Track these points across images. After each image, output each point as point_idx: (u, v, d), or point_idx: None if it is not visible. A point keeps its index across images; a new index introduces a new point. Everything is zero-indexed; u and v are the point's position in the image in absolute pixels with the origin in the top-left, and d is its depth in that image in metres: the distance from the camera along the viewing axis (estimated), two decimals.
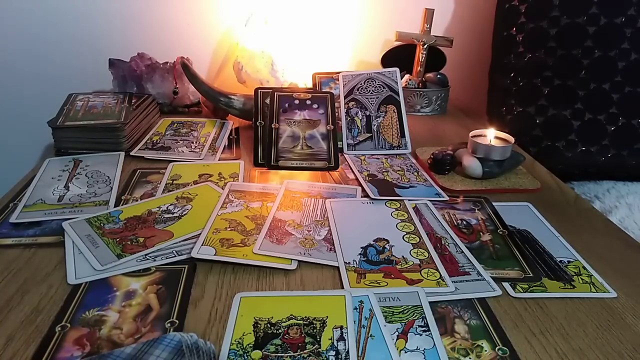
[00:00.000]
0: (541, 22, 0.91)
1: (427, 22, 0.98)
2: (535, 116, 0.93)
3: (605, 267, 0.49)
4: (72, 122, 0.74)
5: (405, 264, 0.48)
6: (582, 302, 0.44)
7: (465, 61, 1.14)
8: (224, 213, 0.57)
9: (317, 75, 0.85)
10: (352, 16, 1.09)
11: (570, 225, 0.57)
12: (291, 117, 0.74)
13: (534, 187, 0.66)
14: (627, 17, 0.87)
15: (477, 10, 1.11)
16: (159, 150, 0.75)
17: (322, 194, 0.63)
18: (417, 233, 0.54)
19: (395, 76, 0.81)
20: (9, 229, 0.53)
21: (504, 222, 0.57)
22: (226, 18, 1.08)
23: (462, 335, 0.39)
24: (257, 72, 0.96)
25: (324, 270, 0.47)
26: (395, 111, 0.79)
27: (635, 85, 0.88)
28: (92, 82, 0.98)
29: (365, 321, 0.39)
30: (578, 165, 0.93)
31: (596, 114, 0.90)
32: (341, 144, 0.77)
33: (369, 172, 0.69)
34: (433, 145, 0.77)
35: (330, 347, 0.37)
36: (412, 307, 0.42)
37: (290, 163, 0.70)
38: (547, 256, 0.51)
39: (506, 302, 0.43)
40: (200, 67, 1.10)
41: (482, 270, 0.47)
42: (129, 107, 0.80)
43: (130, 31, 1.07)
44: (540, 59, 0.92)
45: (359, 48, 1.12)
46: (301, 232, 0.53)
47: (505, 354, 0.37)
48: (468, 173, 0.67)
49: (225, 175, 0.68)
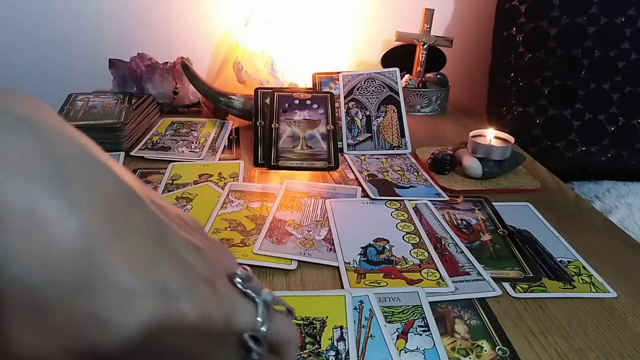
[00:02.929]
0: (541, 22, 0.91)
1: (427, 22, 0.98)
2: (535, 116, 0.93)
3: (605, 267, 0.49)
4: (72, 122, 0.74)
5: (405, 264, 0.48)
6: (582, 302, 0.44)
7: (465, 61, 1.14)
8: (224, 213, 0.57)
9: (317, 75, 0.85)
10: (352, 16, 1.09)
11: (570, 225, 0.57)
12: (291, 117, 0.74)
13: (534, 187, 0.66)
14: (627, 17, 0.87)
15: (477, 10, 1.11)
16: (159, 151, 0.75)
17: (322, 194, 0.63)
18: (417, 233, 0.54)
19: (395, 76, 0.81)
20: None
21: (504, 222, 0.57)
22: (226, 18, 1.08)
23: (462, 335, 0.39)
24: (257, 72, 0.96)
25: (324, 270, 0.47)
26: (395, 111, 0.79)
27: (635, 85, 0.88)
28: (92, 82, 0.98)
29: (365, 321, 0.39)
30: (578, 165, 0.93)
31: (596, 114, 0.90)
32: (341, 144, 0.77)
33: (369, 172, 0.69)
34: (433, 145, 0.77)
35: (330, 347, 0.37)
36: (412, 307, 0.42)
37: (290, 163, 0.70)
38: (547, 256, 0.51)
39: (506, 302, 0.43)
40: (200, 67, 1.10)
41: (482, 270, 0.47)
42: (129, 107, 0.80)
43: (130, 31, 1.07)
44: (540, 59, 0.92)
45: (359, 48, 1.12)
46: (301, 232, 0.53)
47: (505, 354, 0.37)
48: (468, 173, 0.67)
49: (225, 175, 0.68)
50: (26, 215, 0.16)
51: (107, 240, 0.17)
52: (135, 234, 0.18)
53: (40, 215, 0.16)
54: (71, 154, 0.18)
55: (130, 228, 0.18)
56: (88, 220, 0.17)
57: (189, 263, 0.20)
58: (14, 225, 0.16)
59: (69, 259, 0.16)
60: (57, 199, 0.16)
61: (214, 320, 0.20)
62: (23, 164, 0.16)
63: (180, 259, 0.20)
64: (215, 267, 0.22)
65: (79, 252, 0.16)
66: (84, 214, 0.17)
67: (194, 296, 0.19)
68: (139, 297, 0.17)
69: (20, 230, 0.16)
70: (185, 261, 0.20)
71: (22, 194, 0.16)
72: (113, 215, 0.18)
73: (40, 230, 0.16)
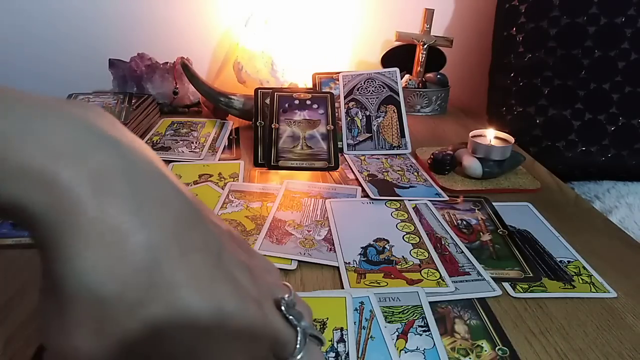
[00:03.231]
0: (541, 22, 0.91)
1: (427, 22, 0.98)
2: (535, 116, 0.93)
3: (605, 267, 0.49)
4: None
5: (405, 264, 0.48)
6: (582, 302, 0.44)
7: (465, 61, 1.14)
8: (224, 213, 0.57)
9: (317, 75, 0.85)
10: (352, 16, 1.09)
11: (570, 225, 0.57)
12: (291, 117, 0.74)
13: (534, 187, 0.66)
14: (627, 17, 0.87)
15: (477, 10, 1.11)
16: (159, 151, 0.75)
17: (322, 194, 0.63)
18: (417, 233, 0.54)
19: (395, 76, 0.81)
20: (9, 229, 0.53)
21: (504, 222, 0.57)
22: (226, 18, 1.08)
23: (462, 335, 0.39)
24: (257, 72, 0.96)
25: (324, 270, 0.47)
26: (395, 111, 0.79)
27: (635, 85, 0.88)
28: (92, 82, 0.98)
29: (365, 322, 0.39)
30: (578, 165, 0.93)
31: (596, 114, 0.90)
32: (341, 144, 0.77)
33: (369, 172, 0.69)
34: (433, 145, 0.77)
35: (330, 348, 0.37)
36: (412, 307, 0.42)
37: (290, 163, 0.70)
38: (547, 256, 0.51)
39: (506, 302, 0.43)
40: (200, 67, 1.10)
41: (482, 270, 0.47)
42: (129, 107, 0.80)
43: (130, 31, 1.07)
44: (540, 59, 0.92)
45: (359, 48, 1.12)
46: (301, 232, 0.53)
47: (505, 354, 0.37)
48: (468, 173, 0.67)
49: (225, 175, 0.68)
50: (105, 231, 0.17)
51: (172, 258, 0.18)
52: (197, 253, 0.19)
53: (118, 232, 0.17)
54: (147, 172, 0.19)
55: (193, 248, 0.19)
56: (157, 239, 0.18)
57: (241, 284, 0.21)
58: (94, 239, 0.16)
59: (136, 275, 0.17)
60: (133, 216, 0.17)
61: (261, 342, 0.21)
62: (106, 181, 0.17)
63: (234, 279, 0.20)
64: (263, 289, 0.22)
65: (145, 269, 0.17)
66: (155, 232, 0.18)
67: (246, 317, 0.20)
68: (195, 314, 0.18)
69: (98, 243, 0.16)
70: (238, 282, 0.21)
71: (105, 210, 0.17)
72: (179, 234, 0.19)
73: (116, 245, 0.17)
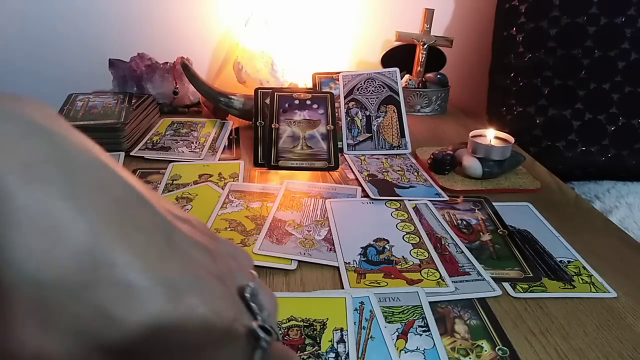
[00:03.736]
0: (541, 22, 0.91)
1: (427, 22, 0.98)
2: (535, 116, 0.93)
3: (605, 267, 0.49)
4: (72, 123, 0.73)
5: (405, 264, 0.48)
6: (582, 302, 0.44)
7: (465, 61, 1.14)
8: (224, 213, 0.57)
9: (317, 75, 0.85)
10: (352, 16, 1.09)
11: (570, 225, 0.57)
12: (291, 117, 0.74)
13: (534, 187, 0.66)
14: (627, 17, 0.87)
15: (477, 10, 1.11)
16: (159, 151, 0.75)
17: (322, 194, 0.63)
18: (417, 233, 0.54)
19: (395, 76, 0.81)
20: None
21: (504, 222, 0.57)
22: (226, 18, 1.08)
23: (462, 335, 0.39)
24: (257, 72, 0.96)
25: (324, 270, 0.47)
26: (395, 111, 0.79)
27: (635, 85, 0.88)
28: (92, 82, 0.98)
29: (365, 322, 0.39)
30: (578, 165, 0.93)
31: (596, 114, 0.90)
32: (341, 144, 0.77)
33: (369, 172, 0.69)
34: (433, 145, 0.77)
35: (330, 349, 0.37)
36: (412, 307, 0.42)
37: (290, 163, 0.70)
38: (547, 256, 0.51)
39: (506, 302, 0.43)
40: (200, 67, 1.10)
41: (482, 270, 0.47)
42: (129, 107, 0.80)
43: (130, 31, 1.07)
44: (540, 59, 0.92)
45: (359, 48, 1.12)
46: (301, 232, 0.53)
47: (505, 354, 0.37)
48: (468, 173, 0.67)
49: (225, 175, 0.68)
50: (38, 217, 0.17)
51: (113, 239, 0.18)
52: (141, 233, 0.19)
53: (52, 217, 0.17)
54: (82, 160, 0.19)
55: (137, 228, 0.19)
56: (96, 222, 0.18)
57: (196, 260, 0.21)
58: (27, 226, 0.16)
59: (76, 258, 0.17)
60: (68, 202, 0.17)
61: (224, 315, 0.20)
62: (39, 169, 0.17)
63: (187, 257, 0.20)
64: (224, 269, 0.22)
65: (85, 252, 0.17)
66: (92, 215, 0.18)
67: (203, 290, 0.20)
68: (145, 292, 0.18)
69: (32, 230, 0.16)
70: (193, 258, 0.21)
71: (37, 197, 0.17)
72: (120, 216, 0.19)
73: (50, 231, 0.17)
